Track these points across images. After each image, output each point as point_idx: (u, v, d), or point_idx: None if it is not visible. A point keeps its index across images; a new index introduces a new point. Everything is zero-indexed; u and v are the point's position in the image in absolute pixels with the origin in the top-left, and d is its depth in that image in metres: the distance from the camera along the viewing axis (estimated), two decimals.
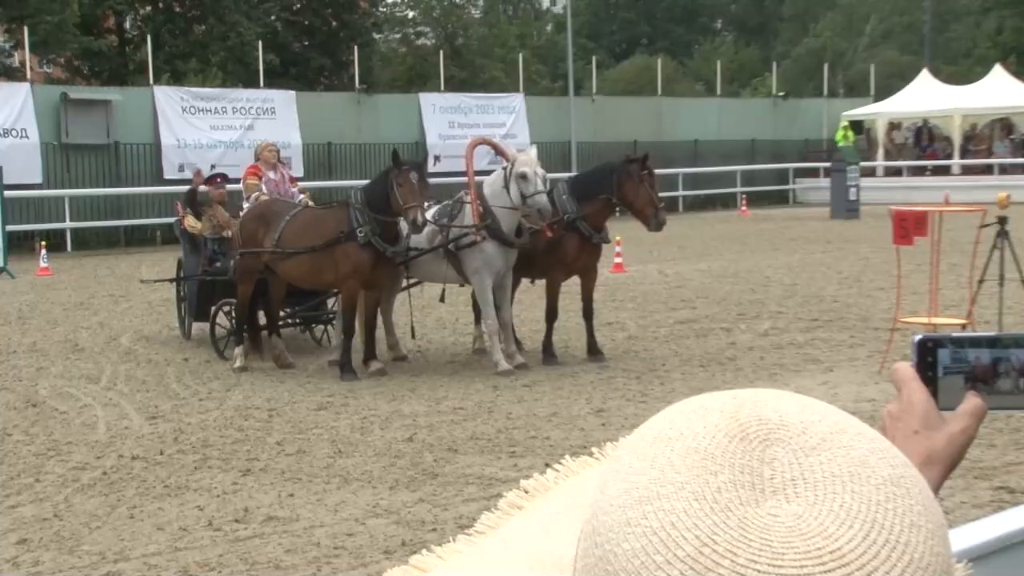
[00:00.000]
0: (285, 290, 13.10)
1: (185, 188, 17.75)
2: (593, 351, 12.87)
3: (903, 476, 0.74)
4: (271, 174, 14.23)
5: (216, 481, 8.64)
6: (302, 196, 14.42)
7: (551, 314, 12.94)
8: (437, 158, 33.11)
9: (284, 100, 34.16)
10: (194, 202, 15.18)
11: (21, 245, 26.19)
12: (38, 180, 29.24)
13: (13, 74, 33.52)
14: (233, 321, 13.34)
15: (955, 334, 1.46)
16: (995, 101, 42.20)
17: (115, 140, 31.07)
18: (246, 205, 13.77)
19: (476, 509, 6.98)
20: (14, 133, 29.15)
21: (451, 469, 8.77)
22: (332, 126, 34.64)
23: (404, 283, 13.51)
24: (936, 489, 1.45)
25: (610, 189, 12.66)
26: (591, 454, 0.95)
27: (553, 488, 0.94)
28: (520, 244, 12.29)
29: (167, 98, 32.22)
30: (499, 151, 14.11)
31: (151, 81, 33.34)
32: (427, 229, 12.37)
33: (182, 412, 10.96)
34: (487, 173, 13.24)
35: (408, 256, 12.39)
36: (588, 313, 12.96)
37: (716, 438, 0.74)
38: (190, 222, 14.70)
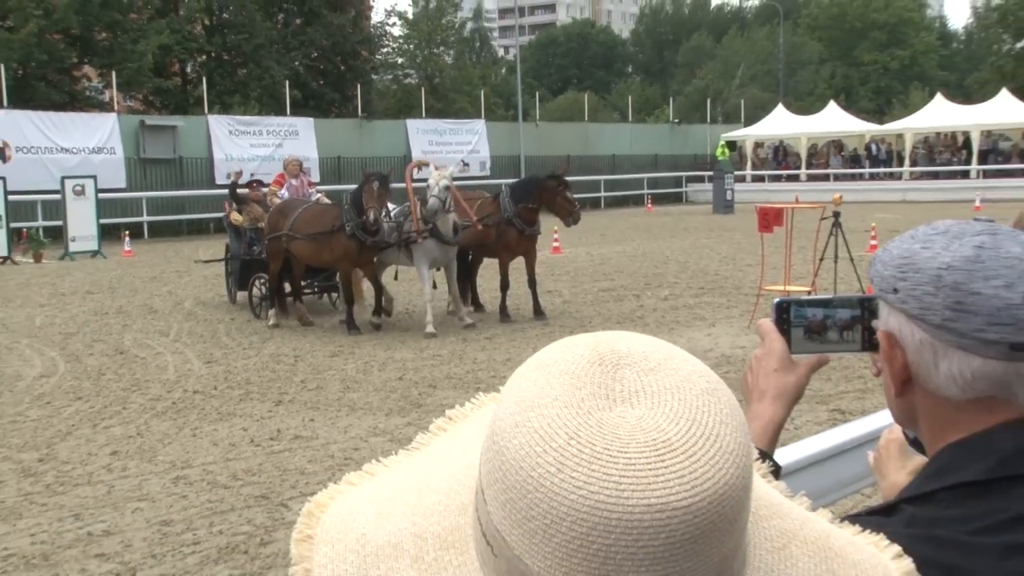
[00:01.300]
0: (305, 267, 13.06)
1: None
2: (537, 312, 12.89)
3: (716, 389, 0.75)
4: (293, 181, 14.24)
5: (256, 409, 8.64)
6: (318, 195, 14.37)
7: (504, 285, 12.95)
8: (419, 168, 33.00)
9: (305, 125, 33.96)
10: (235, 192, 15.13)
11: (110, 234, 25.94)
12: (123, 185, 29.10)
13: (104, 107, 33.30)
14: (266, 290, 13.30)
15: (801, 297, 1.48)
16: (830, 127, 42.61)
17: (179, 155, 30.91)
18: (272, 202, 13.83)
19: None
20: (105, 151, 29.04)
21: (431, 400, 8.79)
22: (341, 144, 34.45)
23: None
24: (787, 413, 1.47)
25: (533, 198, 12.65)
26: (498, 391, 0.97)
27: (469, 416, 0.95)
28: (454, 242, 12.11)
29: (218, 124, 32.00)
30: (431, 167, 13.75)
31: (206, 111, 33.07)
32: (387, 225, 12.32)
33: (230, 358, 10.94)
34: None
35: (383, 245, 12.32)
36: (532, 284, 12.95)
37: (580, 364, 0.75)
38: (234, 216, 14.64)
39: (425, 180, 12.37)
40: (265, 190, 14.77)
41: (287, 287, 13.39)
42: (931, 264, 1.18)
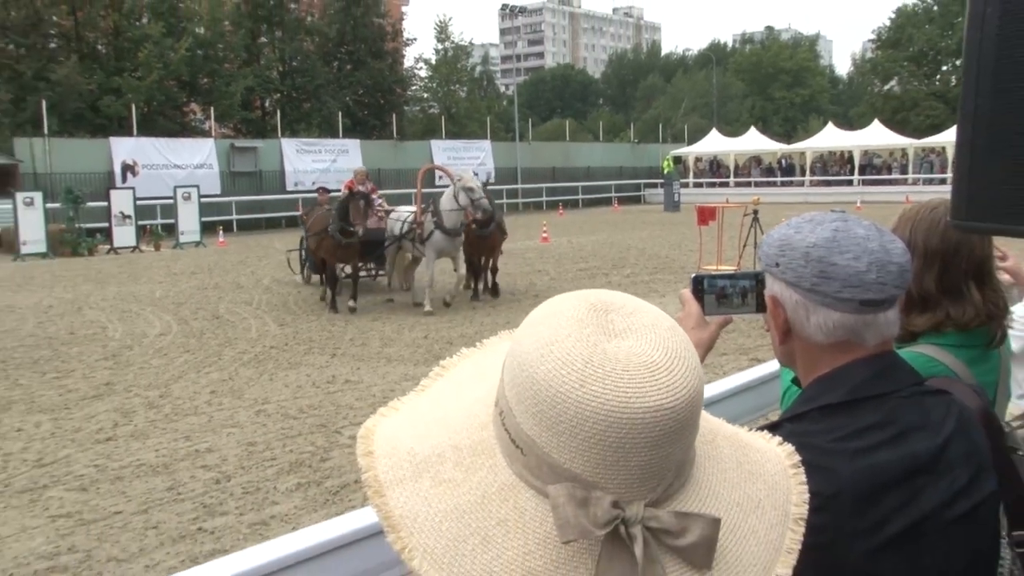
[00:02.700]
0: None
1: (297, 195, 17.46)
2: (493, 291, 12.54)
3: (675, 326, 0.78)
4: (360, 188, 13.93)
5: (316, 360, 8.67)
6: (380, 200, 13.88)
7: (474, 274, 12.44)
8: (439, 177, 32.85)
9: (353, 145, 33.74)
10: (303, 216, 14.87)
11: (209, 229, 25.81)
12: (218, 192, 28.96)
13: (205, 134, 33.49)
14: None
15: (711, 272, 1.50)
16: (752, 146, 42.54)
17: (260, 169, 30.73)
18: None
19: None
20: (205, 167, 29.11)
21: (449, 353, 8.64)
22: (380, 159, 34.13)
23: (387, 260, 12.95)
24: (701, 361, 1.49)
25: None
26: (474, 347, 0.99)
27: (457, 366, 0.96)
28: (457, 233, 11.41)
29: (288, 145, 31.84)
30: (447, 173, 12.90)
31: (279, 135, 32.90)
32: (395, 225, 11.89)
33: (298, 322, 10.96)
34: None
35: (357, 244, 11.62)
36: (493, 271, 12.58)
37: (580, 311, 0.77)
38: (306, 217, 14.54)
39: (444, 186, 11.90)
40: (336, 194, 14.56)
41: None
42: (801, 244, 1.21)
